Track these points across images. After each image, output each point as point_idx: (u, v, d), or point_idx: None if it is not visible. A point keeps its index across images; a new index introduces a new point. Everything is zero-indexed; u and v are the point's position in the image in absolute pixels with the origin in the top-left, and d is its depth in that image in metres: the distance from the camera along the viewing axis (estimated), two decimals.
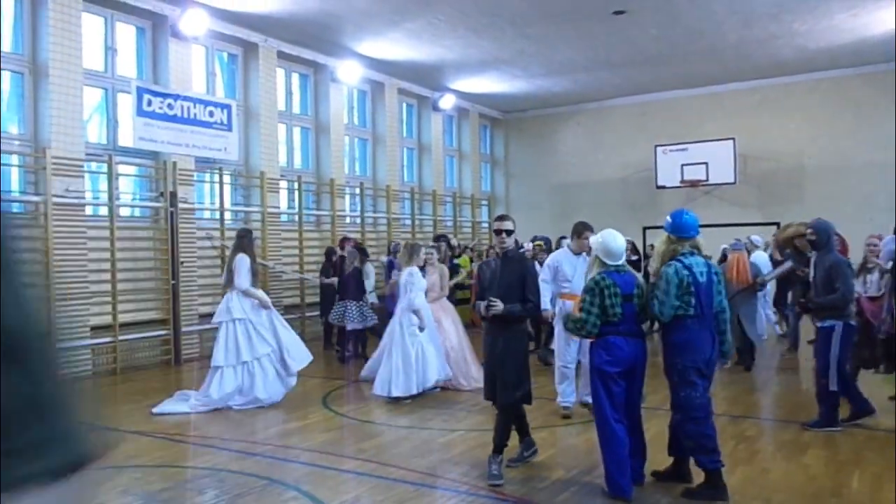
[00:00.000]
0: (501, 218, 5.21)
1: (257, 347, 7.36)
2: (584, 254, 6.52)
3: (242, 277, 7.46)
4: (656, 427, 5.98)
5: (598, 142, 18.15)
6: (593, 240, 5.01)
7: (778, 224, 15.07)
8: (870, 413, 6.13)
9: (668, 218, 4.91)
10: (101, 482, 5.00)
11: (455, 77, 15.38)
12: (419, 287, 7.66)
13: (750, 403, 7.08)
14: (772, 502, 4.48)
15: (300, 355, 7.63)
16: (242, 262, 7.47)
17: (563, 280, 6.79)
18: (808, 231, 6.24)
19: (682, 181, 16.44)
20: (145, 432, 6.47)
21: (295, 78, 13.78)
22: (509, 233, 5.18)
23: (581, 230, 6.76)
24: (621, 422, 4.63)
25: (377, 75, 14.77)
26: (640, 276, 4.90)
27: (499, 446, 4.95)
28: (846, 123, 15.35)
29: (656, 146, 16.68)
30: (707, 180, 16.26)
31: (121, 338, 9.83)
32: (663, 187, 16.71)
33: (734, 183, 16.06)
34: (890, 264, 6.82)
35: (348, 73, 13.74)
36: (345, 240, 11.96)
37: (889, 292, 6.71)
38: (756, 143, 16.07)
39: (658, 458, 5.03)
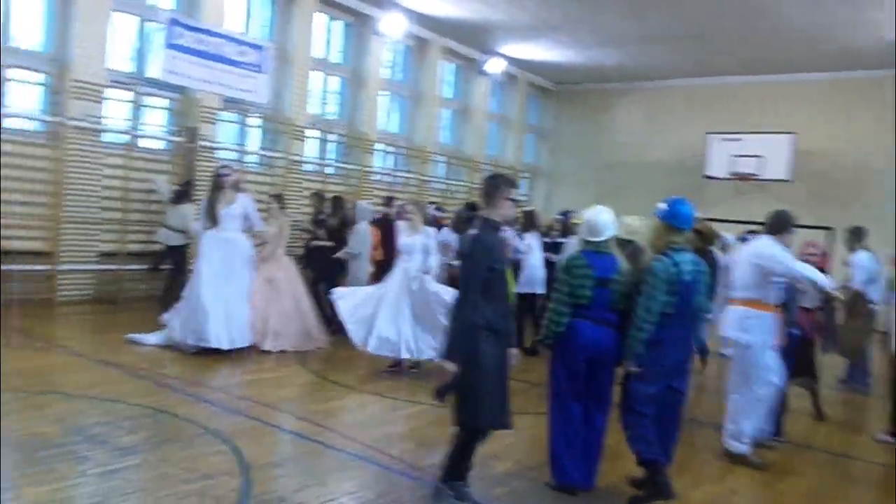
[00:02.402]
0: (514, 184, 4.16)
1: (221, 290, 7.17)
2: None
3: (257, 219, 7.59)
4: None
5: (650, 123, 17.38)
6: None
7: (830, 228, 14.21)
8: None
9: (664, 205, 4.44)
10: (42, 407, 4.95)
11: (504, 41, 14.82)
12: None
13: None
14: None
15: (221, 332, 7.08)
16: (251, 204, 7.52)
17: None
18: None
19: (733, 173, 15.62)
20: (114, 363, 6.42)
21: (337, 26, 13.45)
22: None
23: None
24: (578, 407, 4.35)
25: (423, 32, 14.32)
26: (623, 261, 4.46)
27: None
28: None
29: (708, 133, 15.86)
30: (759, 175, 15.39)
31: (127, 267, 9.85)
32: (711, 177, 15.92)
33: (789, 181, 15.16)
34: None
35: (392, 27, 13.33)
36: (390, 199, 11.71)
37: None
38: (818, 139, 15.06)
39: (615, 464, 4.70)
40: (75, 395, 5.40)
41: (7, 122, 8.93)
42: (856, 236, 8.32)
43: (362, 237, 8.80)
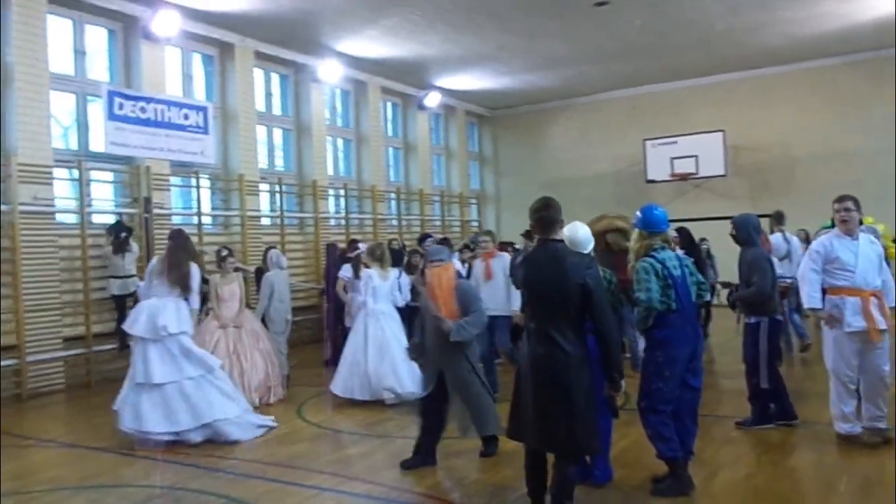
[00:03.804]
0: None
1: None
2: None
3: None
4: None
5: (588, 137, 17.91)
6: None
7: (770, 216, 14.88)
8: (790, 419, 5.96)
9: (638, 213, 4.82)
10: None
11: (439, 75, 15.13)
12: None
13: (739, 403, 6.79)
14: None
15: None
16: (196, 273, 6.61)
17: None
18: (732, 227, 6.11)
19: (672, 174, 16.22)
20: (106, 448, 6.23)
21: (275, 79, 13.53)
22: None
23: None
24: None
25: (360, 74, 14.52)
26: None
27: None
28: (835, 112, 15.12)
29: (645, 140, 16.45)
30: (697, 173, 16.03)
31: (94, 349, 9.58)
32: (653, 181, 16.48)
33: (724, 175, 15.83)
34: None
35: (329, 73, 13.48)
36: (353, 242, 11.69)
37: None
38: (746, 134, 15.84)
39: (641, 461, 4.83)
40: (82, 487, 5.24)
41: None
42: (776, 219, 8.94)
43: (268, 285, 8.77)
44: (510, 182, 19.26)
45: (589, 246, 4.60)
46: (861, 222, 5.63)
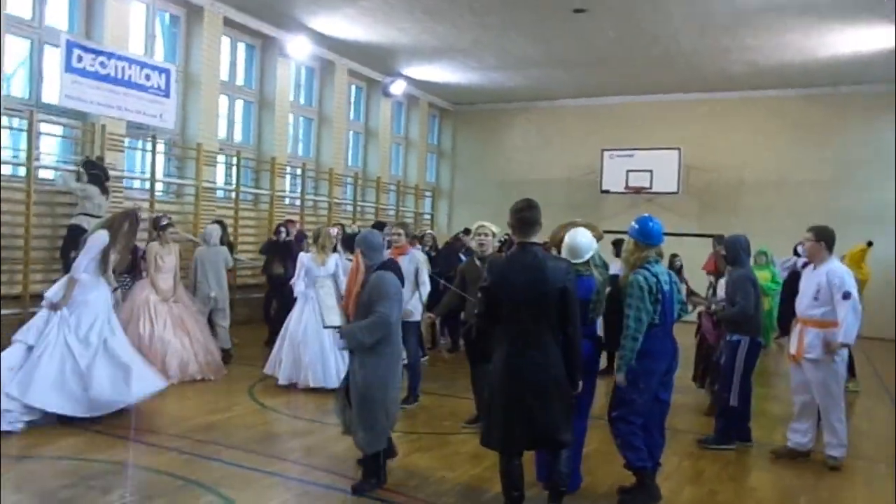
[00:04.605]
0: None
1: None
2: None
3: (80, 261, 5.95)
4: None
5: (546, 141, 18.01)
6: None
7: (716, 236, 15.29)
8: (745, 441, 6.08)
9: (635, 224, 4.78)
10: None
11: (408, 63, 14.94)
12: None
13: (692, 417, 6.93)
14: None
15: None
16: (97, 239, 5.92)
17: None
18: (719, 247, 6.26)
19: (627, 187, 16.48)
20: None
21: (241, 48, 13.10)
22: None
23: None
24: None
25: (328, 53, 14.20)
26: (599, 281, 4.63)
27: None
28: (788, 142, 15.62)
29: (603, 150, 16.66)
30: (650, 188, 16.33)
31: (31, 310, 9.06)
32: (607, 192, 16.71)
33: (676, 192, 16.18)
34: None
35: (298, 49, 13.13)
36: (289, 222, 11.39)
37: None
38: (700, 154, 16.20)
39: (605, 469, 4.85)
40: (22, 457, 4.93)
41: None
42: (718, 241, 9.22)
43: (194, 260, 8.82)
44: (466, 178, 19.23)
45: (588, 253, 4.57)
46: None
